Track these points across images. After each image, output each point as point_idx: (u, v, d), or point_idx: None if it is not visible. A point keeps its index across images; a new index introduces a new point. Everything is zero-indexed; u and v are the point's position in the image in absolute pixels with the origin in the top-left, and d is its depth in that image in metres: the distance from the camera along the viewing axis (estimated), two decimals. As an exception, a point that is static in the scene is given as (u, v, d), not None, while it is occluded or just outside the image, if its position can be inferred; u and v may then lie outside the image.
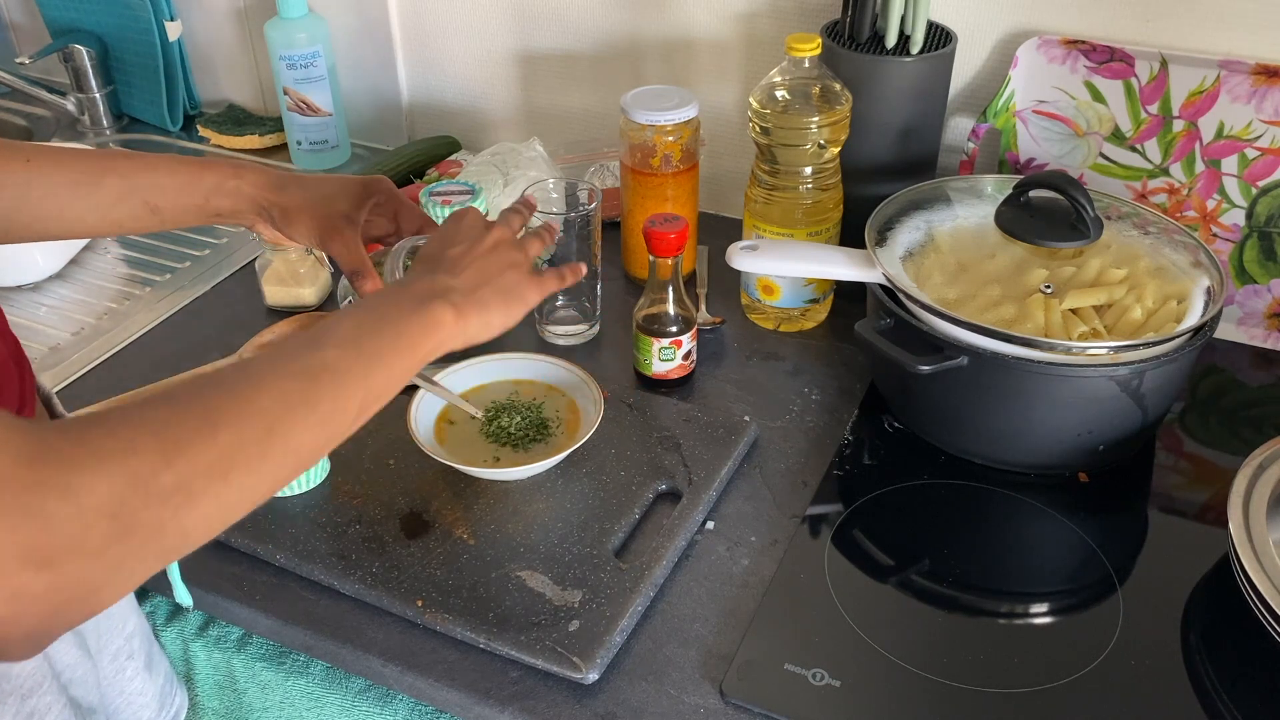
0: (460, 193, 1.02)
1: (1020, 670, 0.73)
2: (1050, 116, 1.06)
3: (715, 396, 0.99)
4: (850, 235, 1.01)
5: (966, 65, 1.10)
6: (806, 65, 0.96)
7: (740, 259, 0.94)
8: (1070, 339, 0.82)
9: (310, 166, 1.38)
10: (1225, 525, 0.74)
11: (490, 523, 0.84)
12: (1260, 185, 0.99)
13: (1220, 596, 0.77)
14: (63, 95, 1.52)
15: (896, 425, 0.95)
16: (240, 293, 1.15)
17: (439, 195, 1.02)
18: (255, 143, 1.44)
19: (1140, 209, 0.96)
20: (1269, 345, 1.03)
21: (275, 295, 1.11)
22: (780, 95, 0.97)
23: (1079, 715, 0.70)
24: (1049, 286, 0.86)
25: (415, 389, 0.90)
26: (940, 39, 1.03)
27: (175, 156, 0.82)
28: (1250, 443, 0.83)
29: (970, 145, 1.10)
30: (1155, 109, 1.01)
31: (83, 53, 1.47)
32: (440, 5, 1.32)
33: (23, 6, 1.60)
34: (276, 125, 1.44)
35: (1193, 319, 0.84)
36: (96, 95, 1.51)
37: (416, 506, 0.85)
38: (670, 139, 1.04)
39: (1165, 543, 0.84)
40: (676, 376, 0.99)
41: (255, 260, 1.12)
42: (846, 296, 1.06)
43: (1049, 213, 0.90)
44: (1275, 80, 0.96)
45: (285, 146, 1.42)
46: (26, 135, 1.53)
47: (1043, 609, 0.80)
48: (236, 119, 1.48)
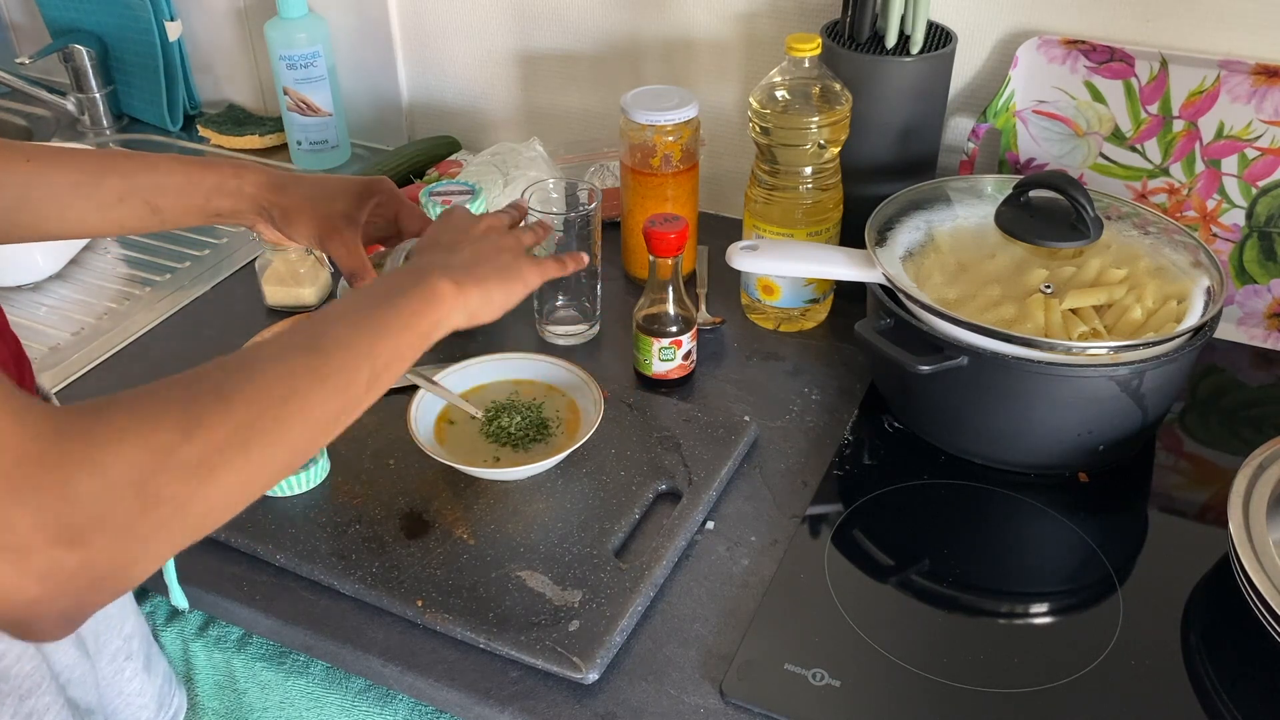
0: (460, 193, 1.02)
1: (1020, 670, 0.73)
2: (1050, 116, 1.06)
3: (715, 396, 0.99)
4: (850, 235, 1.01)
5: (966, 65, 1.10)
6: (806, 65, 0.96)
7: (740, 259, 0.94)
8: (1070, 339, 0.82)
9: (310, 166, 1.38)
10: (1225, 525, 0.74)
11: (490, 523, 0.84)
12: (1260, 185, 0.99)
13: (1220, 596, 0.77)
14: (63, 95, 1.52)
15: (896, 425, 0.95)
16: (240, 293, 1.15)
17: (439, 195, 1.02)
18: (255, 143, 1.44)
19: (1140, 209, 0.96)
20: (1269, 345, 1.03)
21: (275, 295, 1.11)
22: (780, 95, 0.97)
23: (1079, 715, 0.70)
24: (1049, 286, 0.86)
25: (415, 389, 0.90)
26: (940, 39, 1.03)
27: (176, 156, 0.82)
28: (1250, 443, 0.83)
29: (970, 145, 1.10)
30: (1155, 109, 1.01)
31: (83, 53, 1.47)
32: (440, 5, 1.32)
33: (23, 6, 1.60)
34: (276, 125, 1.44)
35: (1193, 319, 0.84)
36: (96, 95, 1.51)
37: (416, 506, 0.85)
38: (670, 139, 1.04)
39: (1165, 543, 0.84)
40: (676, 376, 0.99)
41: (255, 260, 1.12)
42: (846, 296, 1.06)
43: (1049, 213, 0.90)
44: (1275, 80, 0.96)
45: (285, 146, 1.42)
46: (26, 135, 1.53)
47: (1043, 609, 0.80)
48: (236, 119, 1.48)
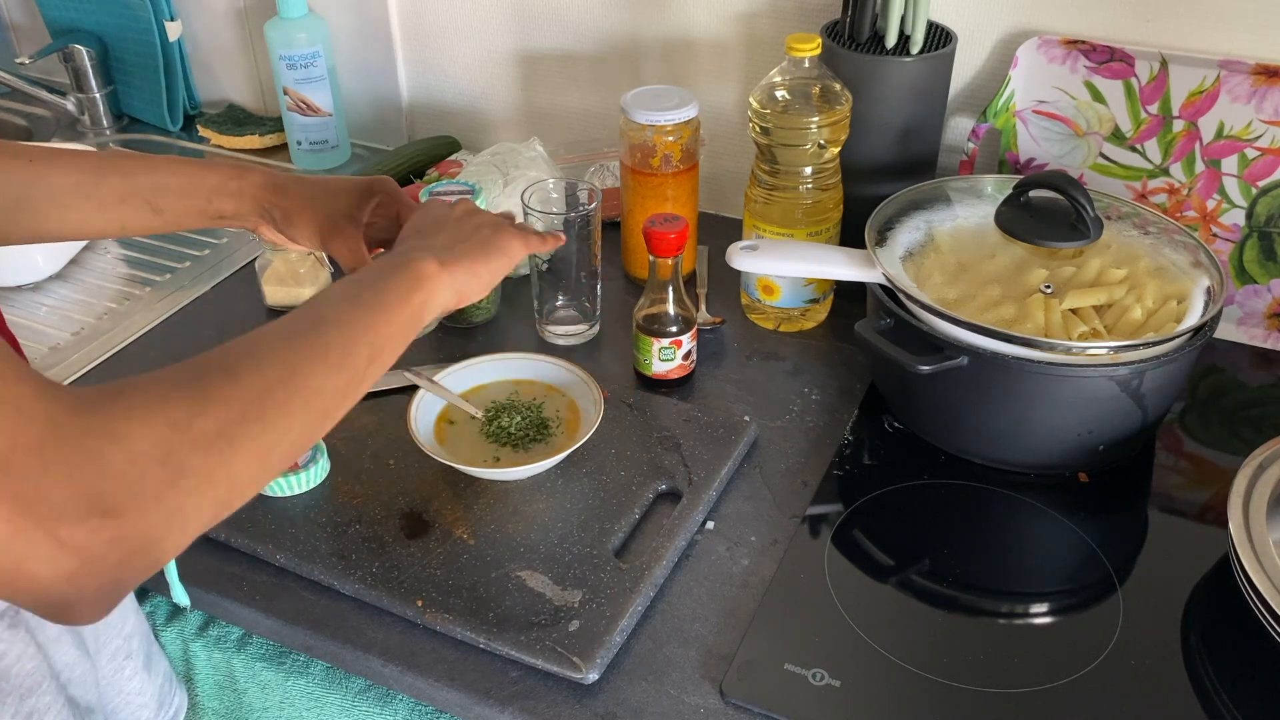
0: (460, 193, 1.02)
1: (1020, 670, 0.73)
2: (1050, 116, 1.06)
3: (715, 396, 0.99)
4: (850, 235, 1.01)
5: (966, 65, 1.10)
6: (806, 65, 0.96)
7: (740, 259, 0.94)
8: (1070, 339, 0.82)
9: (310, 166, 1.38)
10: (1225, 525, 0.74)
11: (490, 523, 0.84)
12: (1260, 185, 0.99)
13: (1220, 596, 0.77)
14: (63, 95, 1.52)
15: (896, 425, 0.95)
16: (240, 293, 1.15)
17: (439, 195, 1.02)
18: (255, 143, 1.44)
19: (1140, 209, 0.96)
20: (1269, 345, 1.03)
21: (275, 295, 1.11)
22: (780, 95, 0.97)
23: (1079, 715, 0.70)
24: (1049, 286, 0.86)
25: (415, 389, 0.90)
26: (940, 39, 1.03)
27: (177, 158, 0.82)
28: (1250, 443, 0.83)
29: (970, 145, 1.10)
30: (1155, 109, 1.01)
31: (83, 53, 1.47)
32: (440, 5, 1.32)
33: (23, 6, 1.60)
34: (276, 125, 1.44)
35: (1193, 319, 0.84)
36: (96, 95, 1.51)
37: (416, 506, 0.85)
38: (670, 139, 1.04)
39: (1165, 543, 0.84)
40: (676, 376, 0.99)
41: (255, 260, 1.12)
42: (846, 296, 1.06)
43: (1049, 213, 0.90)
44: (1275, 80, 0.96)
45: (285, 146, 1.42)
46: (26, 135, 1.53)
47: (1043, 609, 0.80)
48: (236, 119, 1.48)
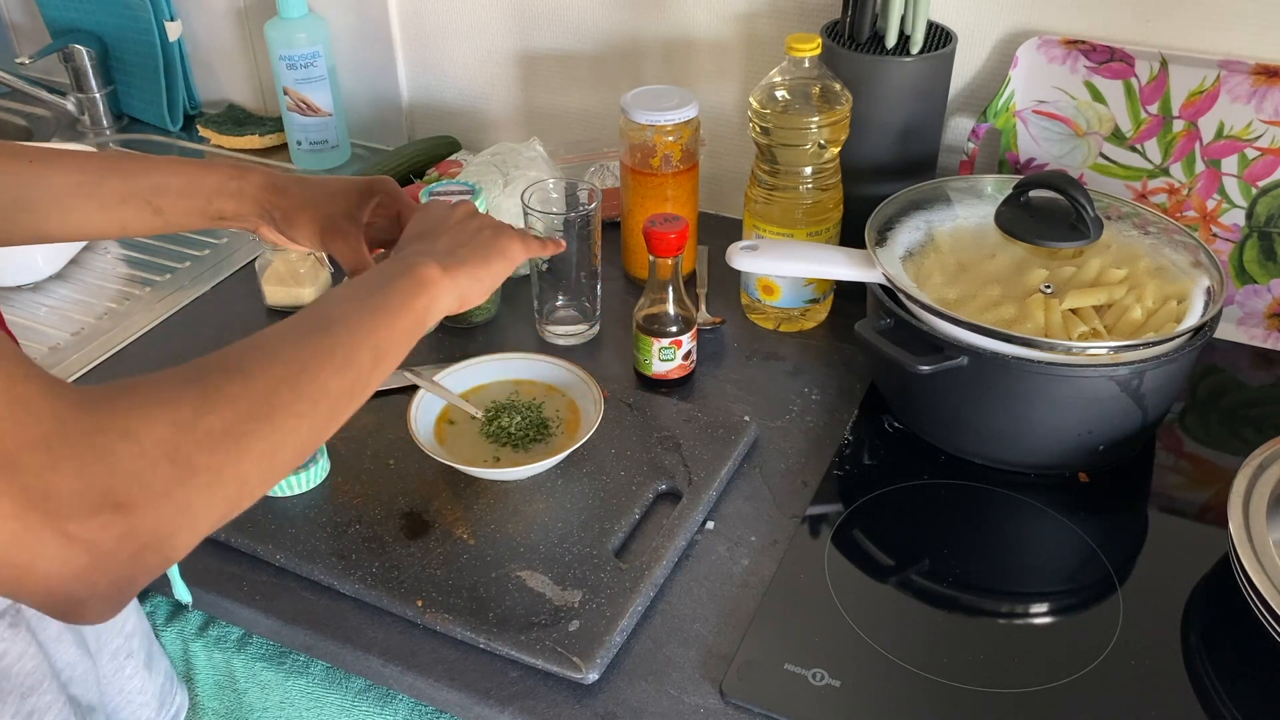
0: (460, 193, 1.02)
1: (1020, 670, 0.73)
2: (1050, 116, 1.06)
3: (715, 396, 0.99)
4: (850, 235, 1.01)
5: (966, 65, 1.10)
6: (806, 65, 0.96)
7: (740, 259, 0.94)
8: (1070, 339, 0.82)
9: (310, 166, 1.38)
10: (1225, 525, 0.74)
11: (490, 523, 0.84)
12: (1260, 185, 0.99)
13: (1220, 596, 0.77)
14: (63, 95, 1.52)
15: (896, 425, 0.95)
16: (240, 293, 1.15)
17: (439, 195, 1.01)
18: (255, 143, 1.44)
19: (1140, 209, 0.96)
20: (1269, 345, 1.03)
21: (275, 295, 1.11)
22: (780, 95, 0.97)
23: (1079, 715, 0.70)
24: (1049, 286, 0.86)
25: (415, 389, 0.90)
26: (940, 39, 1.03)
27: (178, 158, 0.82)
28: (1250, 443, 0.83)
29: (970, 145, 1.10)
30: (1155, 109, 1.01)
31: (83, 53, 1.47)
32: (440, 5, 1.32)
33: (23, 6, 1.60)
34: (276, 125, 1.44)
35: (1193, 319, 0.84)
36: (96, 95, 1.51)
37: (416, 506, 0.85)
38: (670, 139, 1.04)
39: (1165, 543, 0.84)
40: (676, 376, 0.99)
41: (255, 260, 1.12)
42: (846, 296, 1.06)
43: (1049, 213, 0.90)
44: (1275, 80, 0.96)
45: (285, 146, 1.42)
46: (26, 135, 1.53)
47: (1043, 609, 0.80)
48: (236, 119, 1.48)
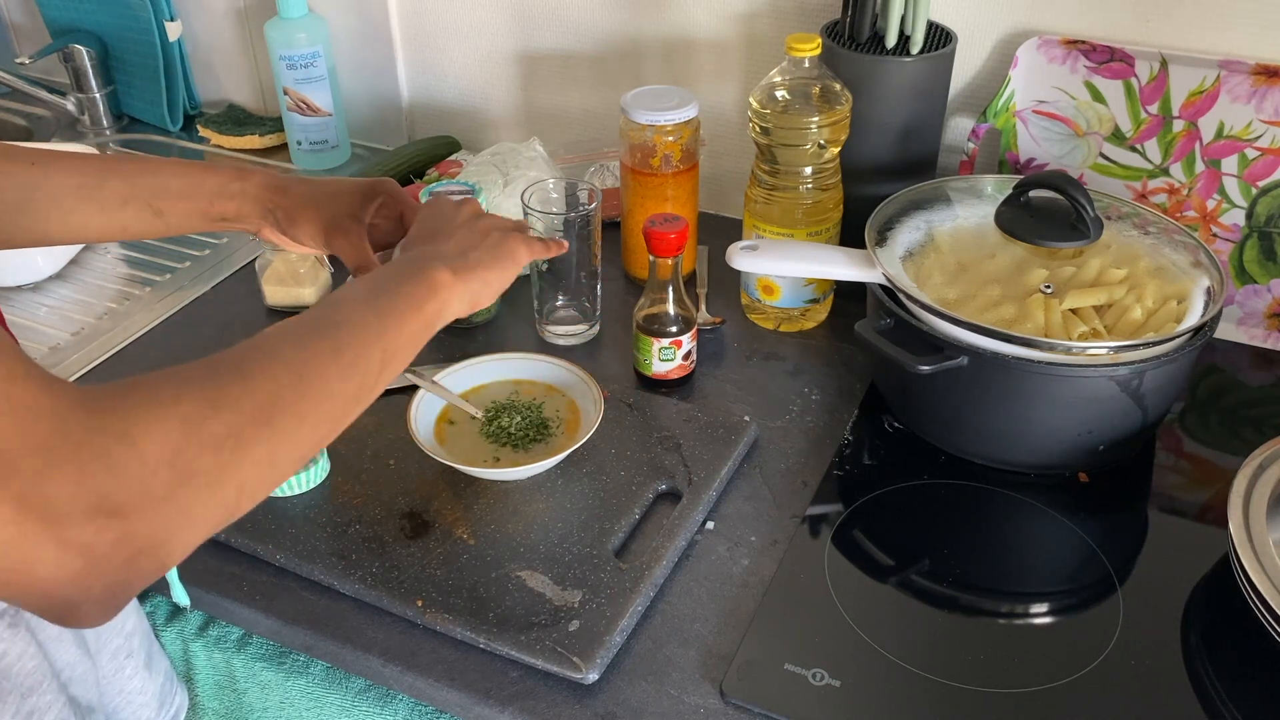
0: (460, 193, 1.02)
1: (1020, 670, 0.73)
2: (1050, 116, 1.06)
3: (715, 396, 0.99)
4: (850, 235, 1.01)
5: (966, 65, 1.10)
6: (806, 65, 0.96)
7: (740, 259, 0.94)
8: (1070, 339, 0.82)
9: (310, 166, 1.38)
10: (1225, 525, 0.74)
11: (490, 523, 0.84)
12: (1260, 185, 0.99)
13: (1220, 596, 0.77)
14: (63, 95, 1.52)
15: (896, 425, 0.95)
16: (240, 293, 1.15)
17: (439, 195, 1.01)
18: (255, 143, 1.44)
19: (1140, 209, 0.96)
20: (1269, 345, 1.03)
21: (275, 295, 1.11)
22: (780, 95, 0.97)
23: (1079, 715, 0.70)
24: (1049, 286, 0.86)
25: (415, 389, 0.90)
26: (940, 39, 1.03)
27: (179, 160, 0.82)
28: (1250, 443, 0.83)
29: (970, 145, 1.10)
30: (1155, 109, 1.01)
31: (83, 53, 1.47)
32: (440, 5, 1.32)
33: (23, 6, 1.60)
34: (276, 125, 1.44)
35: (1193, 319, 0.84)
36: (96, 95, 1.51)
37: (416, 506, 0.85)
38: (670, 139, 1.04)
39: (1165, 543, 0.84)
40: (676, 376, 0.99)
41: (255, 260, 1.12)
42: (846, 296, 1.06)
43: (1049, 213, 0.90)
44: (1275, 80, 0.96)
45: (285, 146, 1.42)
46: (26, 135, 1.53)
47: (1043, 609, 0.80)
48: (236, 119, 1.48)
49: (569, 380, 0.93)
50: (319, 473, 0.88)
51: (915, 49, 1.00)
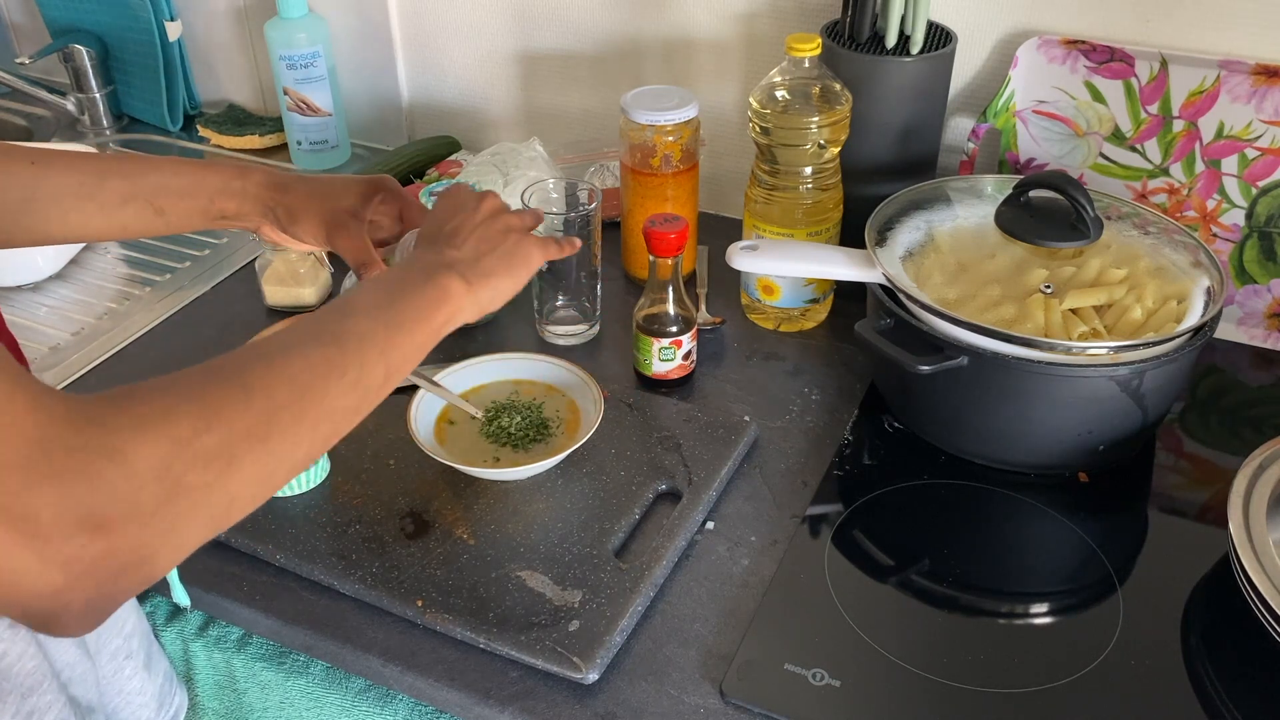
0: (438, 194, 1.01)
1: (1020, 670, 0.73)
2: (1050, 116, 1.06)
3: (715, 396, 0.99)
4: (850, 235, 1.01)
5: (966, 65, 1.10)
6: (806, 65, 0.96)
7: (740, 259, 0.94)
8: (1070, 339, 0.82)
9: (310, 166, 1.38)
10: (1225, 525, 0.74)
11: (490, 523, 0.84)
12: (1260, 185, 0.99)
13: (1220, 596, 0.77)
14: (63, 95, 1.52)
15: (896, 425, 0.95)
16: (240, 293, 1.15)
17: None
18: (255, 143, 1.44)
19: (1140, 209, 0.96)
20: (1269, 345, 1.03)
21: (275, 295, 1.11)
22: (780, 95, 0.97)
23: (1079, 715, 0.70)
24: (1049, 286, 0.86)
25: (415, 389, 0.90)
26: (940, 39, 1.03)
27: (179, 159, 0.82)
28: (1250, 443, 0.83)
29: (970, 145, 1.10)
30: (1155, 109, 1.01)
31: (83, 53, 1.47)
32: (440, 5, 1.32)
33: (23, 6, 1.60)
34: (276, 125, 1.44)
35: (1193, 319, 0.84)
36: (96, 95, 1.51)
37: (416, 506, 0.85)
38: (670, 139, 1.04)
39: (1165, 543, 0.84)
40: (676, 376, 0.99)
41: (255, 260, 1.12)
42: (846, 296, 1.06)
43: (1049, 213, 0.90)
44: (1275, 80, 0.96)
45: (285, 146, 1.42)
46: (26, 135, 1.53)
47: (1043, 609, 0.80)
48: (236, 119, 1.48)
49: (569, 380, 0.93)
50: (319, 473, 0.88)
51: (915, 49, 1.00)
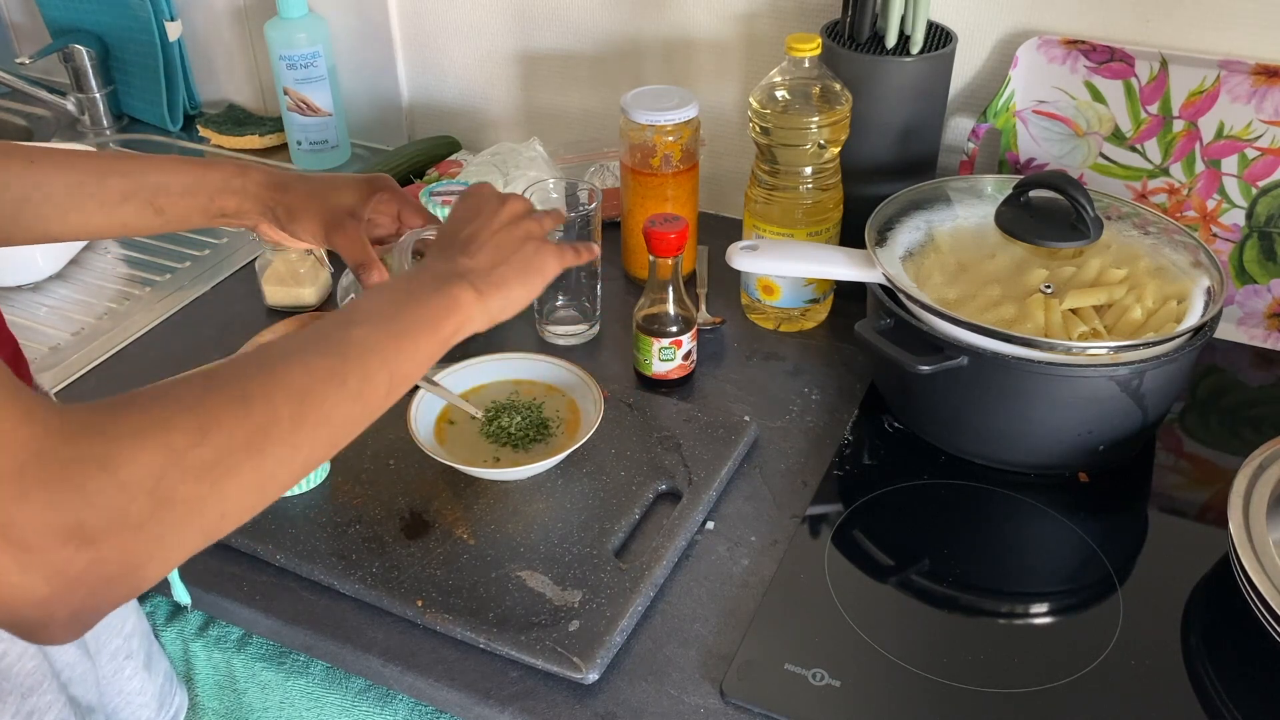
0: (460, 193, 1.02)
1: (1020, 670, 0.73)
2: (1050, 116, 1.06)
3: (715, 396, 0.99)
4: (850, 235, 1.01)
5: (966, 65, 1.10)
6: (806, 65, 0.96)
7: (740, 259, 0.94)
8: (1070, 339, 0.82)
9: (310, 166, 1.38)
10: (1225, 525, 0.74)
11: (490, 523, 0.84)
12: (1260, 185, 0.99)
13: (1220, 596, 0.77)
14: (63, 95, 1.52)
15: (896, 425, 0.95)
16: (240, 293, 1.15)
17: (439, 195, 1.02)
18: (255, 143, 1.44)
19: (1140, 209, 0.96)
20: (1269, 345, 1.03)
21: (275, 295, 1.11)
22: (780, 95, 0.97)
23: (1079, 715, 0.70)
24: (1049, 286, 0.86)
25: (415, 389, 0.90)
26: (940, 39, 1.03)
27: (179, 157, 0.82)
28: (1250, 443, 0.83)
29: (970, 145, 1.10)
30: (1155, 109, 1.01)
31: (83, 53, 1.47)
32: (440, 5, 1.32)
33: (23, 6, 1.60)
34: (276, 125, 1.44)
35: (1193, 319, 0.84)
36: (96, 95, 1.51)
37: (416, 506, 0.85)
38: (670, 139, 1.04)
39: (1165, 543, 0.84)
40: (676, 376, 0.99)
41: (255, 260, 1.12)
42: (846, 296, 1.06)
43: (1049, 213, 0.90)
44: (1275, 80, 0.96)
45: (285, 146, 1.42)
46: (26, 135, 1.53)
47: (1043, 609, 0.80)
48: (236, 119, 1.48)
49: (569, 380, 0.93)
50: (319, 473, 0.88)
51: (915, 49, 1.00)
